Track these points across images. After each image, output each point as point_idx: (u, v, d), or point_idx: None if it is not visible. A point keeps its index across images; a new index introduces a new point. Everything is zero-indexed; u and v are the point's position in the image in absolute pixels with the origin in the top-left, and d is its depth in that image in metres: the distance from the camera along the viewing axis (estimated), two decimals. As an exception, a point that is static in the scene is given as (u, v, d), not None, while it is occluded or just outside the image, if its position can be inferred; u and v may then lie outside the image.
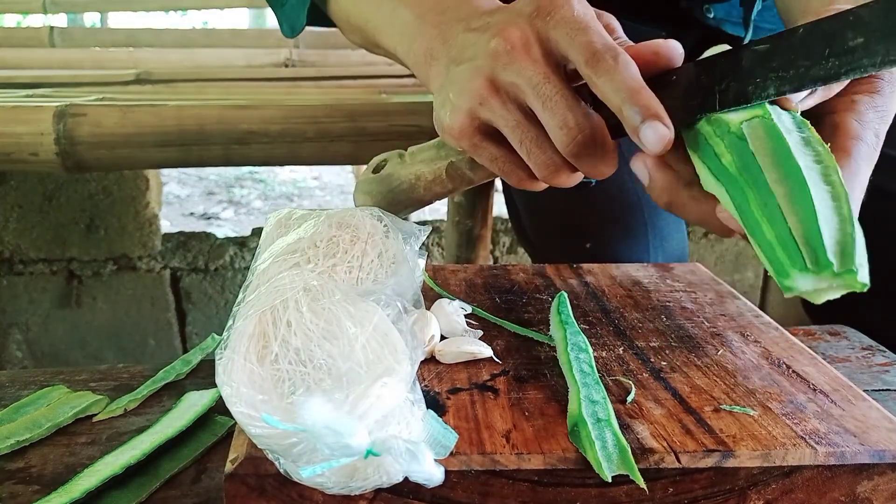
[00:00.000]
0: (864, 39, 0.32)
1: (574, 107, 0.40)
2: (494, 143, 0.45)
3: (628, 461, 0.35)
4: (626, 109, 0.38)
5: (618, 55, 0.39)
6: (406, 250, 0.45)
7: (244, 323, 0.36)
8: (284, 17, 0.63)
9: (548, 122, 0.41)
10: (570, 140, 0.40)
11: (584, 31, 0.40)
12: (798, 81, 0.36)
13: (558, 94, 0.40)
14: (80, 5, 2.51)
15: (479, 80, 0.42)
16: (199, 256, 1.66)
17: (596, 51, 0.39)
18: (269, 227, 0.49)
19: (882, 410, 0.40)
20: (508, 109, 0.42)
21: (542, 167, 0.43)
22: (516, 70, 0.41)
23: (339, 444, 0.30)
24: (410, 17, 0.51)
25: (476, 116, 0.44)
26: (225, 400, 0.33)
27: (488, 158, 0.45)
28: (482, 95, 0.43)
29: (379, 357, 0.34)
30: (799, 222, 0.32)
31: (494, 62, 0.42)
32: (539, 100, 0.41)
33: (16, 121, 0.90)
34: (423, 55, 0.49)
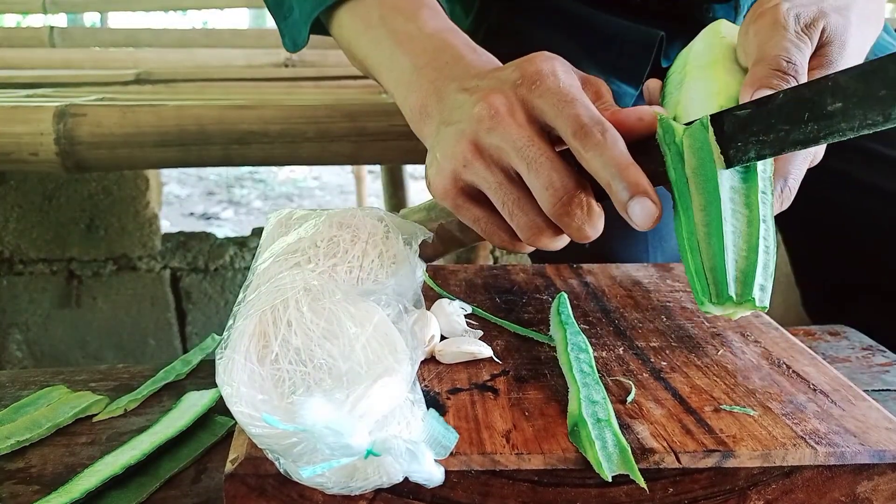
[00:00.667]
0: (843, 105, 0.33)
1: (559, 168, 0.41)
2: (478, 205, 0.45)
3: (628, 461, 0.35)
4: (615, 185, 0.39)
5: (605, 130, 0.40)
6: (406, 250, 0.45)
7: (244, 322, 0.36)
8: (287, 30, 0.64)
9: (533, 183, 0.41)
10: (556, 200, 0.40)
11: (570, 103, 0.41)
12: (779, 145, 0.37)
13: (543, 155, 0.41)
14: (79, 5, 2.51)
15: (463, 143, 0.43)
16: (199, 256, 1.66)
17: (584, 124, 0.40)
18: (270, 227, 0.49)
19: (882, 410, 0.40)
20: (491, 171, 0.43)
21: (525, 229, 0.43)
22: (500, 134, 0.42)
23: (340, 444, 0.30)
24: (408, 66, 0.51)
25: (459, 178, 0.44)
26: (225, 400, 0.33)
27: (471, 219, 0.46)
28: (466, 158, 0.43)
29: (379, 357, 0.34)
30: (710, 256, 0.38)
31: (478, 126, 0.42)
32: (524, 162, 0.41)
33: (16, 121, 0.90)
34: (418, 111, 0.50)
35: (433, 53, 0.50)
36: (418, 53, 0.51)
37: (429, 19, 0.53)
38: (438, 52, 0.50)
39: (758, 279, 0.37)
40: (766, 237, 0.38)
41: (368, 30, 0.55)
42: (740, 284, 0.37)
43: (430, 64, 0.50)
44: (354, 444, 0.30)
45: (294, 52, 0.64)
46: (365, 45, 0.56)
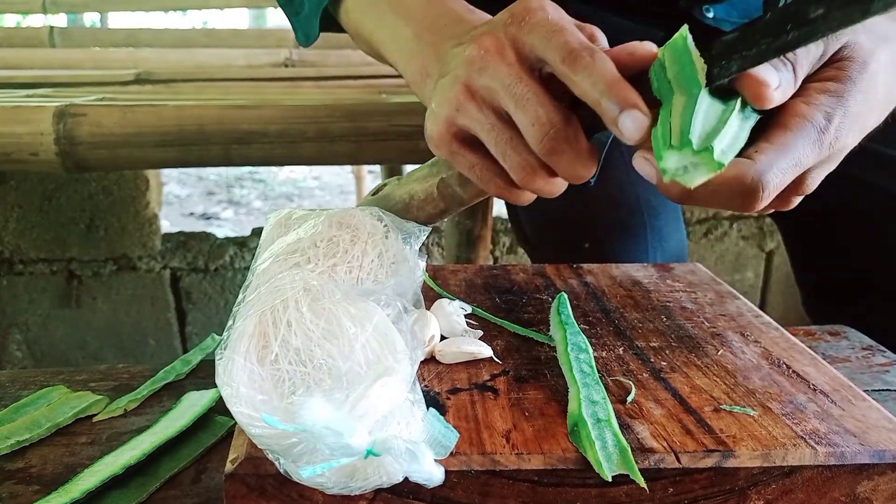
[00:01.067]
0: (825, 10, 0.34)
1: (546, 103, 0.41)
2: (472, 150, 0.45)
3: (628, 461, 0.35)
4: (604, 101, 0.38)
5: (594, 52, 0.40)
6: (406, 250, 0.45)
7: (244, 323, 0.36)
8: (299, 25, 0.64)
9: (521, 120, 0.41)
10: (543, 135, 0.41)
11: (559, 32, 0.41)
12: (760, 57, 0.37)
13: (530, 91, 0.41)
14: (79, 5, 2.51)
15: (456, 87, 0.43)
16: (199, 256, 1.66)
17: (572, 49, 0.40)
18: (269, 227, 0.49)
19: (882, 410, 0.40)
20: (484, 113, 0.43)
21: (518, 169, 0.43)
22: (490, 73, 0.42)
23: (340, 445, 0.30)
24: (409, 34, 0.52)
25: (453, 123, 0.44)
26: (225, 400, 0.33)
27: (467, 166, 0.46)
28: (459, 101, 0.43)
29: (379, 357, 0.34)
30: (679, 116, 0.37)
31: (469, 68, 0.43)
32: (512, 99, 0.41)
33: (16, 121, 0.90)
34: (419, 73, 0.50)
35: (433, 19, 0.51)
36: (419, 21, 0.52)
37: None
38: (438, 17, 0.51)
39: (722, 139, 0.36)
40: (744, 119, 0.39)
41: (372, 7, 0.56)
42: (701, 138, 0.36)
43: (429, 29, 0.51)
44: (354, 444, 0.30)
45: (307, 45, 0.65)
46: (370, 23, 0.57)
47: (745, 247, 1.78)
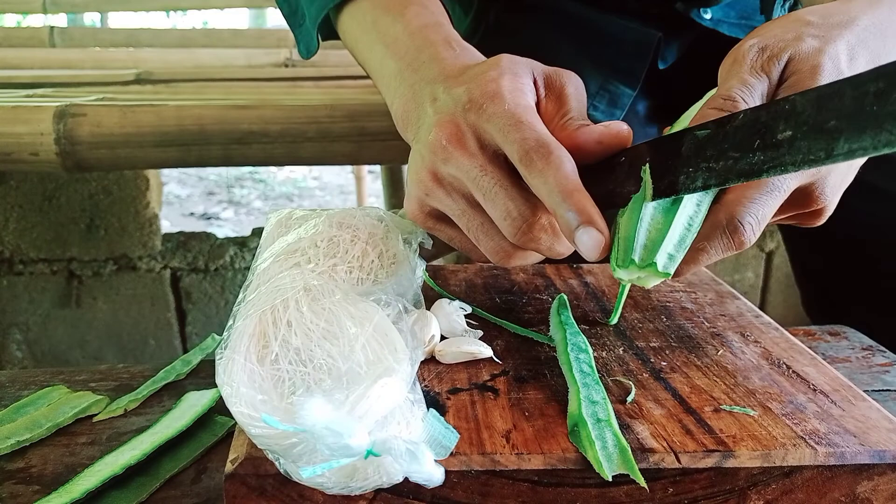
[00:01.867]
0: (792, 133, 0.33)
1: (515, 196, 0.40)
2: (449, 226, 0.46)
3: (628, 461, 0.35)
4: (560, 212, 0.37)
5: (550, 153, 0.38)
6: (406, 250, 0.45)
7: (244, 323, 0.36)
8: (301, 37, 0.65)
9: (492, 213, 0.41)
10: (516, 230, 0.40)
11: (515, 126, 0.40)
12: (724, 175, 0.36)
13: (497, 184, 0.40)
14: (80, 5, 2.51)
15: (423, 171, 0.44)
16: (199, 256, 1.66)
17: (528, 149, 0.39)
18: (270, 227, 0.49)
19: (882, 411, 0.40)
20: (453, 199, 0.43)
21: (493, 253, 0.43)
22: (454, 164, 0.42)
23: (339, 445, 0.30)
24: (393, 69, 0.51)
25: (425, 204, 0.45)
26: (225, 400, 0.33)
27: (446, 238, 0.47)
28: (427, 186, 0.44)
29: (379, 357, 0.34)
30: (627, 227, 0.39)
31: (434, 156, 0.42)
32: (480, 192, 0.41)
33: (16, 121, 0.90)
34: (402, 118, 0.50)
35: (414, 54, 0.51)
36: (402, 55, 0.51)
37: (414, 17, 0.53)
38: (418, 52, 0.51)
39: (665, 247, 0.38)
40: (692, 217, 0.40)
41: (363, 34, 0.56)
42: (646, 251, 0.38)
43: (410, 65, 0.50)
44: (354, 444, 0.30)
45: (308, 58, 0.65)
46: (362, 50, 0.57)
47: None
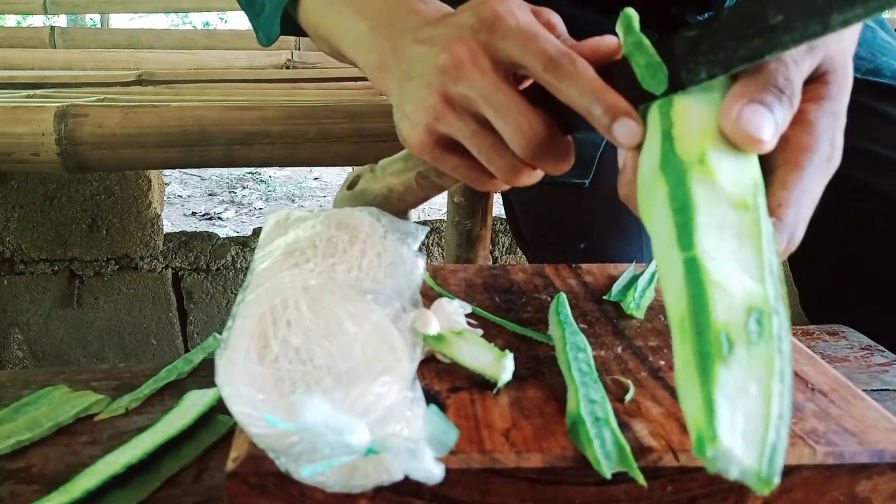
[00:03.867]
0: (784, 17, 0.34)
1: (526, 111, 0.42)
2: (455, 153, 0.46)
3: (627, 459, 0.35)
4: (595, 111, 0.39)
5: (575, 59, 0.40)
6: (404, 250, 0.45)
7: (244, 323, 0.36)
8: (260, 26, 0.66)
9: (503, 129, 0.42)
10: (527, 143, 0.42)
11: (534, 38, 0.41)
12: (727, 63, 0.37)
13: (510, 100, 0.42)
14: (80, 6, 2.51)
15: (432, 96, 0.44)
16: (200, 256, 1.66)
17: (552, 57, 0.41)
18: (268, 228, 0.49)
19: (881, 410, 0.40)
20: (464, 121, 0.44)
21: (504, 171, 0.44)
22: (467, 83, 0.42)
23: (340, 443, 0.30)
24: (365, 28, 0.52)
25: (434, 130, 0.45)
26: (225, 400, 0.33)
27: (450, 167, 0.47)
28: (437, 110, 0.44)
29: (378, 356, 0.34)
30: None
31: (444, 77, 0.43)
32: (492, 108, 0.42)
33: (17, 121, 0.90)
34: (377, 66, 0.51)
35: (387, 11, 0.52)
36: (374, 15, 0.52)
37: None
38: (391, 9, 0.52)
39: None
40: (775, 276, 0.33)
41: (330, 6, 0.57)
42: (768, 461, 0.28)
43: (384, 22, 0.51)
44: (354, 442, 0.30)
45: (268, 45, 0.66)
46: (328, 20, 0.57)
47: (746, 247, 1.78)
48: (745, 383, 0.29)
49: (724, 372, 0.29)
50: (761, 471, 0.28)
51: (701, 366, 0.29)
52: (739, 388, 0.29)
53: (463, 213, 1.06)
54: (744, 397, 0.29)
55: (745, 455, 0.28)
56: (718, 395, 0.28)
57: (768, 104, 0.36)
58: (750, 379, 0.29)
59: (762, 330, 0.30)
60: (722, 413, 0.28)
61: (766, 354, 0.30)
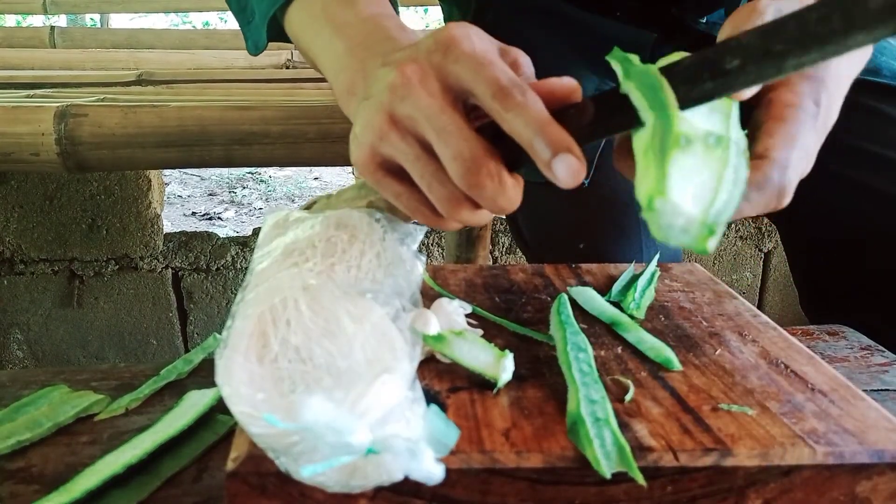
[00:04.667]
0: (741, 62, 0.34)
1: (468, 137, 0.40)
2: (398, 180, 0.44)
3: (627, 459, 0.35)
4: (537, 143, 0.38)
5: (525, 90, 0.39)
6: (403, 250, 0.45)
7: (243, 322, 0.36)
8: (249, 34, 0.66)
9: (442, 153, 0.40)
10: (465, 171, 0.40)
11: (487, 65, 0.40)
12: (680, 105, 0.36)
13: (453, 124, 0.40)
14: (80, 6, 2.51)
15: (379, 114, 0.42)
16: (200, 256, 1.66)
17: (503, 86, 0.39)
18: (267, 229, 0.49)
19: (881, 410, 0.40)
20: (407, 143, 0.42)
21: (444, 201, 0.42)
22: (412, 102, 0.41)
23: (340, 443, 0.30)
24: (342, 49, 0.52)
25: (377, 151, 0.43)
26: (225, 400, 0.33)
27: (393, 194, 0.45)
28: (382, 130, 0.42)
29: (378, 355, 0.34)
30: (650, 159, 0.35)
31: (392, 96, 0.42)
32: (434, 131, 0.40)
33: (17, 121, 0.90)
34: (346, 89, 0.50)
35: (364, 35, 0.51)
36: (352, 37, 0.52)
37: (365, 6, 0.54)
38: (370, 34, 0.51)
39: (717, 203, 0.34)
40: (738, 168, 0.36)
41: (312, 22, 0.56)
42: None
43: (361, 45, 0.51)
44: (355, 442, 0.30)
45: (256, 54, 0.66)
46: (309, 36, 0.57)
47: (743, 247, 1.78)
48: (699, 169, 0.33)
49: (680, 156, 0.33)
50: (706, 219, 0.32)
51: (659, 150, 0.33)
52: (693, 170, 0.33)
53: (463, 213, 1.05)
54: (696, 178, 0.33)
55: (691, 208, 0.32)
56: (672, 169, 0.32)
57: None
58: (704, 168, 0.34)
59: (720, 142, 0.35)
60: (674, 178, 0.32)
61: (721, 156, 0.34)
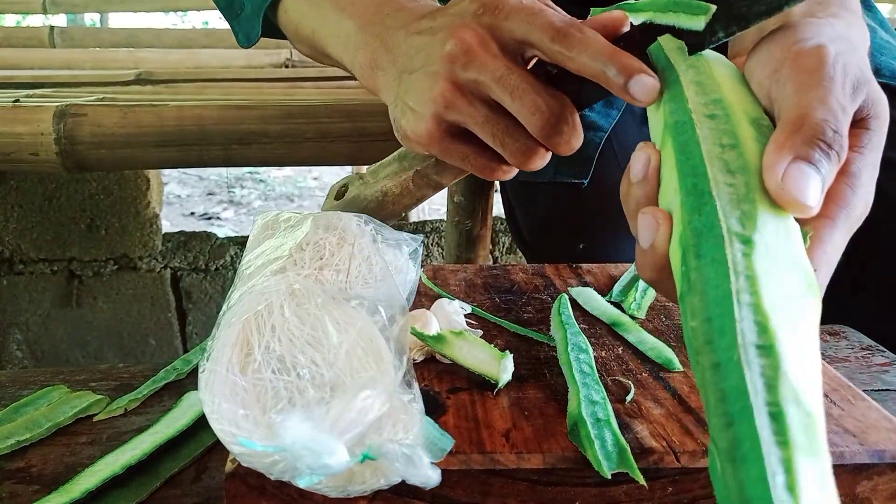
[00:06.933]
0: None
1: (542, 91, 0.42)
2: (464, 142, 0.46)
3: (628, 460, 0.35)
4: (609, 71, 0.39)
5: (582, 27, 0.41)
6: (395, 255, 0.45)
7: (227, 332, 0.35)
8: (240, 27, 0.65)
9: (519, 111, 0.42)
10: (545, 122, 0.42)
11: (539, 13, 0.42)
12: (744, 21, 0.37)
13: (524, 82, 0.42)
14: (80, 5, 2.51)
15: (439, 84, 0.44)
16: (199, 256, 1.66)
17: (559, 28, 0.41)
18: (256, 230, 0.48)
19: (881, 410, 0.40)
20: (476, 107, 0.44)
21: (518, 154, 0.44)
22: (477, 68, 0.42)
23: (318, 464, 0.29)
24: (353, 27, 0.52)
25: (443, 120, 0.45)
26: (207, 417, 0.32)
27: (460, 158, 0.47)
28: (446, 98, 0.44)
29: (363, 364, 0.34)
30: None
31: (452, 65, 0.43)
32: (506, 91, 0.42)
33: (16, 121, 0.90)
34: (368, 65, 0.50)
35: (374, 10, 0.51)
36: (360, 13, 0.52)
37: None
38: (379, 8, 0.51)
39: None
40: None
41: (312, 7, 0.56)
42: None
43: (372, 20, 0.51)
44: (333, 463, 0.29)
45: (248, 47, 0.65)
46: (311, 21, 0.57)
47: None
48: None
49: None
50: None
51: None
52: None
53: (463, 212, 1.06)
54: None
55: None
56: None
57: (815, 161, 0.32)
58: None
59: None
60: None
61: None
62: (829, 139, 0.33)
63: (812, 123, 0.33)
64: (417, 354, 0.45)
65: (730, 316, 0.28)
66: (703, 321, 0.28)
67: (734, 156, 0.33)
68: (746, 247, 0.30)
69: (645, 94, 0.39)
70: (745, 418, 0.25)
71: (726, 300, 0.28)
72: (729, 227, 0.30)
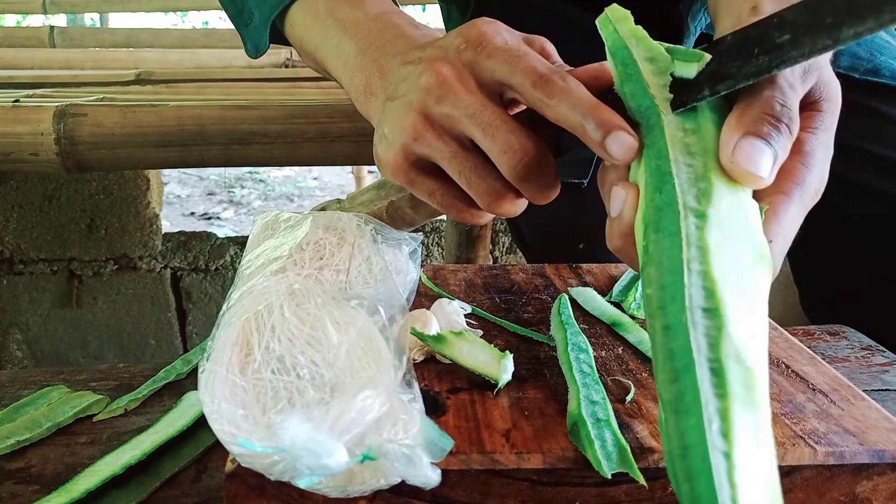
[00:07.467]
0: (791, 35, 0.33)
1: (516, 130, 0.40)
2: (431, 177, 0.44)
3: (628, 460, 0.35)
4: (588, 125, 0.38)
5: (565, 76, 0.39)
6: (395, 256, 0.45)
7: (227, 332, 0.35)
8: (249, 37, 0.64)
9: (490, 149, 0.40)
10: (517, 162, 0.40)
11: (522, 57, 0.40)
12: (732, 81, 0.36)
13: (498, 118, 0.40)
14: (80, 5, 2.51)
15: (412, 115, 0.42)
16: (199, 256, 1.66)
17: (542, 74, 0.39)
18: (256, 230, 0.48)
19: (881, 410, 0.40)
20: (444, 141, 0.42)
21: (485, 195, 0.42)
22: (451, 102, 0.41)
23: (318, 465, 0.29)
24: (353, 49, 0.51)
25: (411, 151, 0.43)
26: (207, 417, 0.32)
27: (426, 193, 0.45)
28: (416, 130, 0.42)
29: (363, 364, 0.34)
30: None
31: (426, 96, 0.42)
32: (479, 128, 0.40)
33: (16, 121, 0.90)
34: (363, 90, 0.49)
35: (376, 34, 0.51)
36: (363, 36, 0.51)
37: (373, 5, 0.53)
38: (381, 33, 0.51)
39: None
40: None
41: (317, 22, 0.56)
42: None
43: (373, 44, 0.50)
44: (332, 464, 0.29)
45: (256, 57, 0.65)
46: (314, 37, 0.56)
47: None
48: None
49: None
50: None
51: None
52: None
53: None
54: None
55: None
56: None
57: (766, 136, 0.35)
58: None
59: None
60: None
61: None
62: (777, 113, 0.35)
63: (760, 101, 0.36)
64: (417, 354, 0.45)
65: (680, 283, 0.30)
66: (657, 289, 0.31)
67: (695, 140, 0.36)
68: (700, 220, 0.32)
69: (622, 151, 0.37)
70: (689, 373, 0.28)
71: (678, 269, 0.31)
72: (685, 203, 0.33)
